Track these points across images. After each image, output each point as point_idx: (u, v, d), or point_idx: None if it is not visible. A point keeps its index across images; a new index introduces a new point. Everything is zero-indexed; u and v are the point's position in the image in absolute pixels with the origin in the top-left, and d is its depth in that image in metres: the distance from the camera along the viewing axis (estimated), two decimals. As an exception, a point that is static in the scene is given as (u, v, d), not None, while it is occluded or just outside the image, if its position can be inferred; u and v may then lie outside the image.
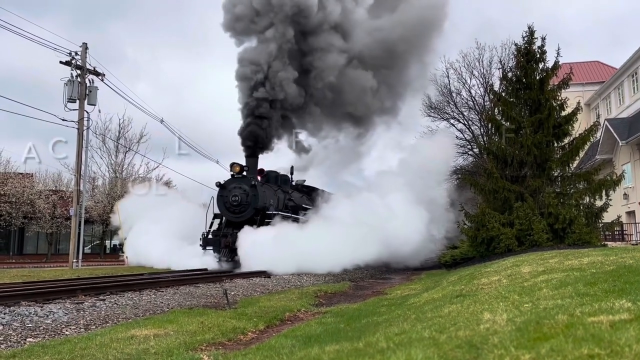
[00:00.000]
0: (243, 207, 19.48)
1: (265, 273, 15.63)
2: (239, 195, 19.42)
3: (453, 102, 29.37)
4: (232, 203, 19.49)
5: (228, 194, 19.61)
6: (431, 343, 3.42)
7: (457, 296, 6.84)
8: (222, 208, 19.87)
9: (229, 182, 19.86)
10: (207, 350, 5.37)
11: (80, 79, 22.36)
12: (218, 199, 19.92)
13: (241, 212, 19.47)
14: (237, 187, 19.54)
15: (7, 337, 5.82)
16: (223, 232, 19.59)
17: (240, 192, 19.48)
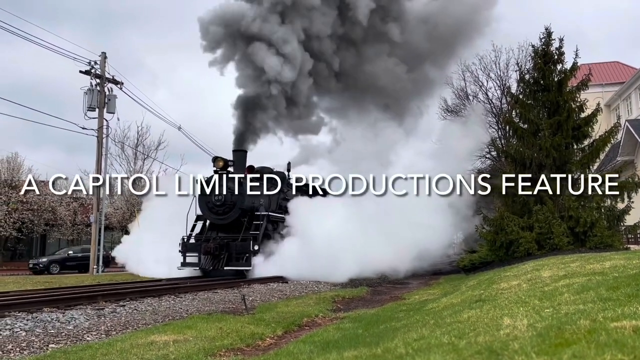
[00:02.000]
0: (227, 208, 17.23)
1: (283, 279, 15.53)
2: (222, 195, 17.22)
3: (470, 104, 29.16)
4: (215, 203, 17.21)
5: (211, 193, 17.42)
6: (450, 349, 3.39)
7: (477, 301, 6.77)
8: (204, 209, 17.55)
9: (211, 180, 17.59)
10: (226, 356, 5.39)
11: (99, 87, 22.75)
12: (200, 199, 17.60)
13: (225, 213, 17.23)
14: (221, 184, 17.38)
15: (30, 343, 5.91)
16: (205, 236, 17.48)
17: (224, 191, 17.29)
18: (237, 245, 16.45)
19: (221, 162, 17.45)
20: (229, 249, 16.38)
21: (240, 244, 16.43)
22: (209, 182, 17.50)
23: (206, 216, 17.73)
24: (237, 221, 17.17)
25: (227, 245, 16.42)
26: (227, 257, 16.17)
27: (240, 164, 18.53)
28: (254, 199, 17.65)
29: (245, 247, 16.30)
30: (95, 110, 22.66)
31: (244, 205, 17.19)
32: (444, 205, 18.12)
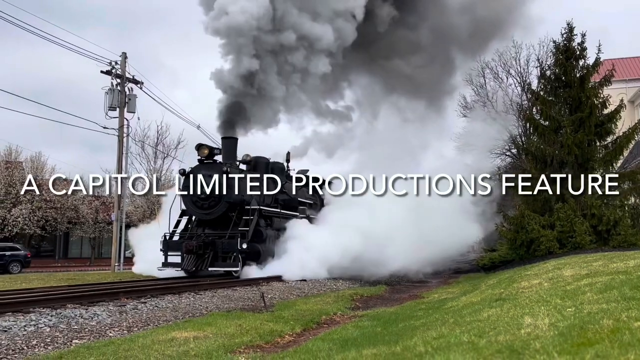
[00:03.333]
0: (213, 201, 15.32)
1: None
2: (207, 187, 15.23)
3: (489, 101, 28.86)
4: (199, 196, 15.37)
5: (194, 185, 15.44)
6: (470, 347, 3.37)
7: (497, 300, 6.71)
8: (188, 202, 15.77)
9: (195, 170, 15.72)
10: (245, 353, 5.43)
11: (120, 87, 23.07)
12: (182, 191, 15.94)
13: (211, 207, 15.35)
14: (206, 175, 15.32)
15: (54, 338, 6.03)
16: (190, 233, 15.72)
17: (209, 181, 15.29)
18: (224, 243, 14.59)
19: (206, 149, 15.70)
20: (215, 247, 14.54)
21: (227, 241, 14.57)
22: (193, 173, 15.59)
23: (190, 211, 15.95)
24: (225, 216, 15.32)
25: (212, 243, 14.55)
26: (212, 257, 14.39)
27: (229, 152, 16.62)
28: (244, 190, 15.64)
29: (233, 245, 14.41)
30: (116, 110, 22.99)
31: (231, 198, 15.20)
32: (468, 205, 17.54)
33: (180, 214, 16.40)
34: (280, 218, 17.15)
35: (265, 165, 18.22)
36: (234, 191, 15.27)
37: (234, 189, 15.27)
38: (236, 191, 15.32)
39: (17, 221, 27.70)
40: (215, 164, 15.62)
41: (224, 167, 15.29)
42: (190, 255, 14.41)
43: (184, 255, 14.52)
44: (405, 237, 16.47)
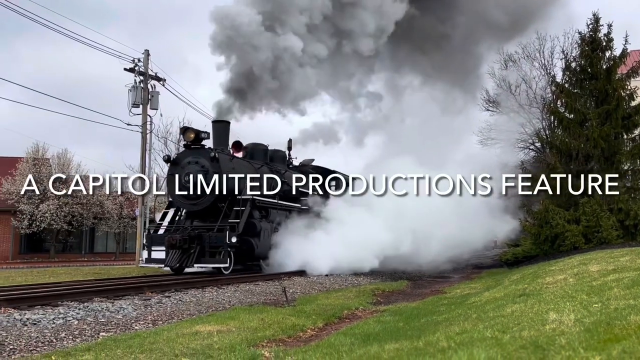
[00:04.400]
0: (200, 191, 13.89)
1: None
2: (193, 174, 13.81)
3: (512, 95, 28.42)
4: (184, 185, 13.93)
5: (180, 172, 14.05)
6: (494, 343, 3.35)
7: (520, 295, 6.64)
8: (173, 192, 14.51)
9: (182, 156, 14.47)
10: (268, 347, 5.48)
11: (143, 84, 23.36)
12: (168, 180, 14.66)
13: (198, 197, 13.88)
14: (193, 162, 14.01)
15: (82, 331, 6.17)
16: (176, 225, 14.39)
17: (196, 168, 13.88)
18: (211, 236, 13.18)
19: (192, 133, 14.33)
20: (202, 241, 13.16)
21: (215, 235, 13.18)
22: (179, 159, 14.39)
23: (176, 201, 14.69)
24: (215, 207, 13.97)
25: (198, 236, 13.16)
26: (199, 252, 13.06)
27: (220, 138, 15.18)
28: (236, 179, 14.13)
29: (221, 239, 13.06)
30: (139, 107, 23.29)
31: (220, 187, 13.78)
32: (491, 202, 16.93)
33: (167, 205, 15.36)
34: (278, 209, 15.84)
35: (263, 152, 17.23)
36: (223, 179, 13.78)
37: (223, 177, 13.74)
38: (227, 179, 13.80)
39: (44, 216, 28.34)
40: (202, 150, 14.25)
41: (211, 153, 13.83)
42: (174, 250, 13.09)
43: (168, 250, 13.27)
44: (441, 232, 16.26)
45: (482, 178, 13.99)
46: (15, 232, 29.71)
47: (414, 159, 16.82)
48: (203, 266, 13.77)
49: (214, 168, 13.71)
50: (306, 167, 19.71)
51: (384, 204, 15.42)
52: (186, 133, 14.49)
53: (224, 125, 15.41)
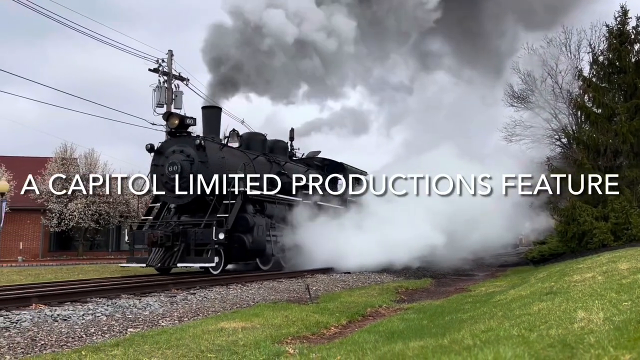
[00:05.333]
0: (185, 183, 12.55)
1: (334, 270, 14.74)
2: (177, 164, 12.60)
3: (537, 90, 27.93)
4: (169, 177, 12.75)
5: (165, 162, 12.86)
6: (521, 341, 3.31)
7: (547, 293, 6.54)
8: (158, 184, 13.14)
9: (166, 145, 13.19)
10: (292, 344, 5.52)
11: (167, 84, 23.68)
12: (152, 172, 13.29)
13: (183, 189, 12.64)
14: (178, 151, 12.84)
15: (111, 327, 6.30)
16: (161, 221, 13.21)
17: (181, 158, 12.64)
18: (197, 233, 11.99)
19: (176, 119, 12.99)
20: (187, 238, 12.02)
21: (202, 231, 11.99)
22: (163, 149, 13.14)
23: (160, 195, 13.42)
24: (202, 201, 12.78)
25: (183, 233, 12.01)
26: (183, 250, 11.92)
27: (211, 125, 13.99)
28: (224, 169, 12.92)
29: (207, 235, 11.83)
30: (163, 107, 23.61)
31: (208, 178, 12.53)
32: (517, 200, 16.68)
33: (153, 199, 14.13)
34: (276, 203, 14.53)
35: (261, 142, 15.96)
36: (210, 169, 12.59)
37: (210, 167, 12.63)
38: (215, 170, 12.65)
39: (73, 215, 28.94)
40: (189, 137, 13.07)
41: (196, 140, 12.62)
42: (157, 248, 12.01)
43: (150, 248, 12.28)
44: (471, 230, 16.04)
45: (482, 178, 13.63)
46: (45, 231, 30.41)
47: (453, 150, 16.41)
48: (188, 266, 12.42)
49: (200, 157, 12.56)
50: (311, 159, 18.63)
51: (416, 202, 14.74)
52: (170, 119, 13.13)
53: (214, 112, 14.26)
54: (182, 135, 13.12)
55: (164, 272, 12.80)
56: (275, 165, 15.48)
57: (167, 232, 12.02)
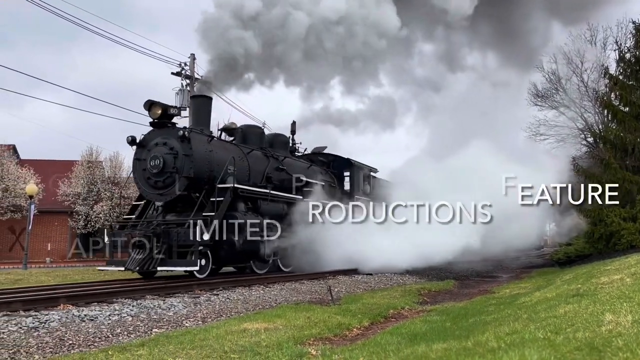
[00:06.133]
0: (168, 178, 11.63)
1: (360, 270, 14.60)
2: (160, 158, 11.62)
3: (562, 88, 27.47)
4: (151, 172, 11.78)
5: (147, 156, 11.86)
6: (546, 344, 3.26)
7: (574, 296, 6.43)
8: (141, 180, 12.09)
9: (149, 137, 12.07)
10: (314, 345, 5.53)
11: (189, 88, 23.97)
12: (134, 166, 12.31)
13: (166, 185, 11.66)
14: (161, 143, 11.80)
15: (136, 327, 6.40)
16: (141, 220, 12.15)
17: (164, 151, 11.65)
18: (179, 233, 10.94)
19: (159, 108, 11.84)
20: (169, 239, 10.96)
21: (184, 231, 10.92)
22: (146, 141, 12.06)
23: (142, 191, 12.31)
24: (188, 198, 11.75)
25: (165, 233, 10.98)
26: (165, 252, 10.88)
27: (200, 116, 12.95)
28: (212, 164, 12.01)
29: (190, 235, 10.84)
30: (186, 110, 23.90)
31: (191, 173, 11.55)
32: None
33: (137, 197, 13.11)
34: (271, 201, 13.32)
35: (258, 136, 14.79)
36: (195, 163, 11.63)
37: (195, 161, 11.64)
38: (202, 164, 11.78)
39: (98, 217, 29.47)
40: (173, 129, 12.01)
41: (180, 132, 11.58)
42: (137, 250, 11.03)
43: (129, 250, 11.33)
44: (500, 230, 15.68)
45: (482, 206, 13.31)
46: (71, 232, 31.02)
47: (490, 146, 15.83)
48: (169, 269, 11.33)
49: (184, 150, 11.56)
50: (316, 155, 17.49)
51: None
52: (152, 108, 11.89)
53: (204, 101, 13.15)
54: (167, 126, 12.07)
55: (148, 275, 11.85)
56: (273, 160, 14.39)
57: (147, 232, 11.01)
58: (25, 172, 28.83)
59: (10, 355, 4.90)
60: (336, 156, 17.66)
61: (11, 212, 28.03)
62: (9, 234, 30.45)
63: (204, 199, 11.60)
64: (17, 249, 29.98)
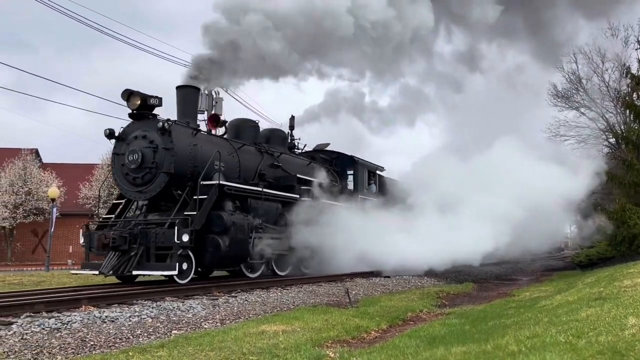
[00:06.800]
0: (148, 174, 10.78)
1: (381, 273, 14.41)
2: (138, 152, 10.76)
3: (583, 89, 27.06)
4: (129, 167, 10.94)
5: (126, 150, 11.05)
6: (568, 348, 3.22)
7: (596, 299, 6.32)
8: (119, 177, 11.26)
9: (129, 130, 11.22)
10: (332, 347, 5.53)
11: (207, 91, 24.16)
12: (113, 161, 11.53)
13: (145, 182, 10.84)
14: (140, 136, 10.94)
15: (156, 329, 6.47)
16: (118, 220, 11.34)
17: (143, 145, 10.81)
18: (158, 234, 10.00)
19: (138, 98, 10.90)
20: (147, 240, 10.05)
21: (163, 232, 10.01)
22: (125, 134, 11.20)
23: (120, 188, 11.44)
24: (170, 195, 10.90)
25: (143, 234, 10.11)
26: (142, 254, 9.95)
27: (186, 108, 11.90)
28: (196, 159, 11.12)
29: (170, 236, 9.78)
30: (204, 113, 24.09)
31: (172, 168, 10.64)
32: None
33: (118, 195, 12.13)
34: (264, 200, 12.24)
35: (252, 130, 13.80)
36: (176, 158, 10.70)
37: (177, 156, 10.71)
38: (184, 158, 10.89)
39: (118, 220, 29.88)
40: (154, 120, 11.01)
41: (159, 123, 10.61)
42: (112, 253, 10.18)
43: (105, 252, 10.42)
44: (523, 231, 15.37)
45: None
46: (92, 235, 31.44)
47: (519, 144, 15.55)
48: (146, 274, 10.39)
49: (165, 144, 10.68)
50: (317, 152, 16.71)
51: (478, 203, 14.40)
52: (130, 98, 10.97)
53: (191, 92, 12.11)
54: (148, 118, 11.15)
55: (127, 280, 10.99)
56: (267, 156, 13.46)
57: (123, 233, 10.15)
58: (47, 176, 29.38)
59: (33, 355, 4.99)
60: (339, 153, 16.83)
61: (34, 214, 28.58)
62: (31, 237, 31.03)
63: (187, 196, 10.68)
64: (40, 251, 30.56)
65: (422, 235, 14.07)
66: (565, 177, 15.04)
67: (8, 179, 28.23)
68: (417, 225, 14.49)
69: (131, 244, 10.03)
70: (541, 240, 17.63)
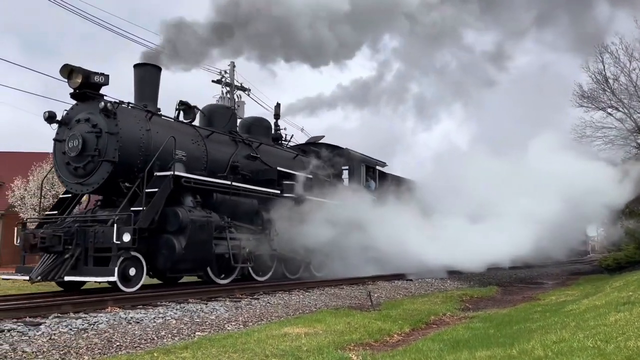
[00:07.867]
0: (90, 163, 9.42)
1: (404, 276, 14.41)
2: (79, 137, 9.38)
3: (610, 89, 26.50)
4: (69, 154, 9.57)
5: (67, 136, 9.67)
6: (596, 353, 3.16)
7: (625, 303, 6.18)
8: (60, 166, 9.88)
9: (73, 113, 9.82)
10: (355, 350, 5.52)
11: (229, 95, 24.42)
12: (54, 149, 10.06)
13: (87, 173, 9.46)
14: (83, 120, 9.54)
15: (180, 330, 6.54)
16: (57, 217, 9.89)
17: (85, 129, 9.41)
18: (97, 233, 8.59)
19: (78, 76, 9.36)
20: (85, 240, 8.65)
21: (103, 230, 8.59)
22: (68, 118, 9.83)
23: (61, 180, 10.12)
24: (117, 188, 9.50)
25: (80, 233, 8.70)
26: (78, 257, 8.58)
27: (145, 90, 10.51)
28: (149, 145, 9.70)
29: (108, 236, 8.39)
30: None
31: (116, 156, 9.27)
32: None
33: (65, 190, 10.46)
34: (233, 195, 10.83)
35: (228, 118, 12.22)
36: (126, 145, 9.35)
37: (122, 139, 9.32)
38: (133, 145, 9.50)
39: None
40: (96, 100, 9.56)
41: (101, 103, 9.18)
42: (46, 255, 8.80)
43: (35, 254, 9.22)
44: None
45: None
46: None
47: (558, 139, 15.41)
48: (81, 280, 8.73)
49: (109, 128, 9.25)
50: (306, 144, 15.51)
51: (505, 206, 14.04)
52: (72, 76, 9.38)
53: (150, 71, 10.56)
54: (93, 99, 9.59)
55: (70, 288, 9.51)
56: (243, 146, 11.96)
57: (56, 231, 8.71)
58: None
59: (61, 355, 5.09)
60: (334, 146, 15.35)
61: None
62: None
63: (139, 190, 9.15)
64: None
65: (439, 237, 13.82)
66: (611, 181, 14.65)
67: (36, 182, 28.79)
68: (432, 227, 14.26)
69: (66, 245, 8.61)
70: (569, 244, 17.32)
